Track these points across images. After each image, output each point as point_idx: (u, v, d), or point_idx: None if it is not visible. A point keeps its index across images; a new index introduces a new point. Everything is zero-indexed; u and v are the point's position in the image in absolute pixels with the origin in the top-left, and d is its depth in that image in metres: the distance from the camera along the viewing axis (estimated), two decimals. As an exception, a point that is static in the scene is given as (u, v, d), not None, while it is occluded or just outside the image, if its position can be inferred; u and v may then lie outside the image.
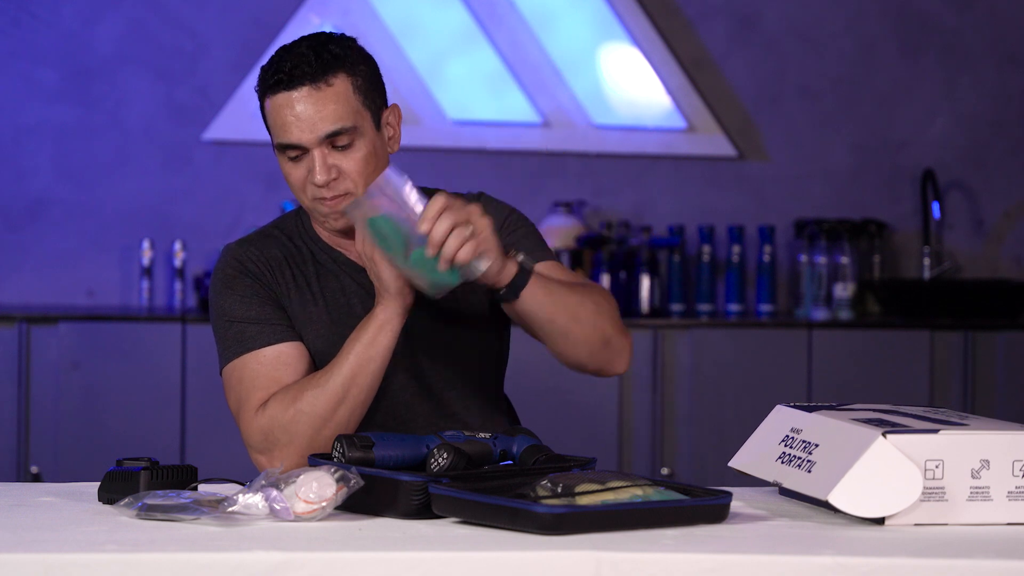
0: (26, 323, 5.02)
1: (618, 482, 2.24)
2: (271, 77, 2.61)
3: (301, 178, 2.63)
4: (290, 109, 2.60)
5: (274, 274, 2.70)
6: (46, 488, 2.47)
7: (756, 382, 5.22)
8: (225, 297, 2.67)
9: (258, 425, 2.58)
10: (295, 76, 2.59)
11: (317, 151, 2.60)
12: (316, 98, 2.59)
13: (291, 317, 2.67)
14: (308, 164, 2.61)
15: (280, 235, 2.75)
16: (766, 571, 2.03)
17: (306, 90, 2.59)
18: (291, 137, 2.60)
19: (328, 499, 2.21)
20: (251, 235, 2.77)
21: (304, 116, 2.59)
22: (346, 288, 2.71)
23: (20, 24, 5.47)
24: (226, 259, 2.71)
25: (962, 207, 5.82)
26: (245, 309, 2.66)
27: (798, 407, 2.49)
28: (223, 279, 2.69)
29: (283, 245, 2.73)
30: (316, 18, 5.52)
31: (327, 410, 2.53)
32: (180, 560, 2.02)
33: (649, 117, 5.72)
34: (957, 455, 2.26)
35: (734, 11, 5.75)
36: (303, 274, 2.71)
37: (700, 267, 5.63)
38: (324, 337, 2.66)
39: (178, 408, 5.04)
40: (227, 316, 2.66)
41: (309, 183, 2.62)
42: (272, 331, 2.64)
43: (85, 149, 5.50)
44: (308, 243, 2.74)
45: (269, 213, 5.51)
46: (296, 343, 2.65)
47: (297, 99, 2.59)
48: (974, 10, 5.81)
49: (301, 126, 2.59)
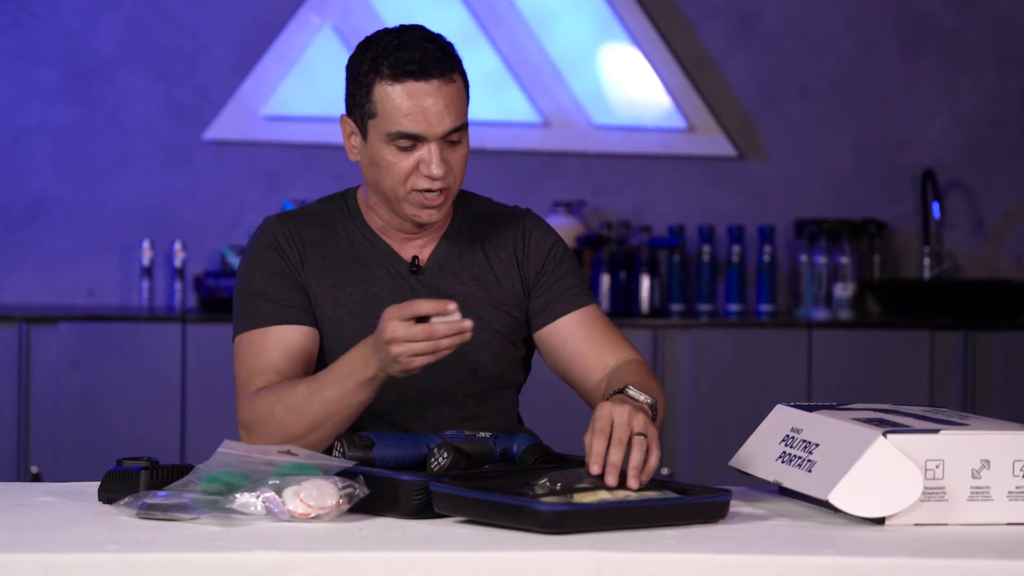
0: (26, 323, 5.02)
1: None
2: (399, 65, 2.58)
3: (407, 169, 2.61)
4: (419, 100, 2.58)
5: (305, 254, 2.70)
6: (46, 488, 2.47)
7: (756, 382, 5.22)
8: (251, 267, 2.69)
9: (246, 411, 2.59)
10: (426, 67, 2.58)
11: (436, 144, 2.59)
12: (445, 92, 2.59)
13: (314, 299, 2.67)
14: (419, 156, 2.60)
15: (324, 215, 2.75)
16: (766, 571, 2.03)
17: (436, 83, 2.59)
18: (416, 128, 2.59)
19: (326, 508, 2.21)
20: (295, 210, 2.77)
21: (433, 109, 2.58)
22: (377, 277, 2.70)
23: (20, 24, 5.47)
24: (264, 230, 2.72)
25: (962, 207, 5.82)
26: (264, 284, 2.66)
27: (798, 407, 2.49)
28: (255, 249, 2.70)
29: (324, 226, 2.73)
30: (316, 18, 5.52)
31: (301, 431, 2.52)
32: (180, 560, 2.02)
33: (649, 117, 5.72)
34: (957, 455, 2.26)
35: (734, 11, 5.75)
36: (336, 257, 2.71)
37: (700, 267, 5.63)
38: (345, 323, 2.66)
39: (178, 408, 5.04)
40: (247, 286, 2.67)
41: (416, 174, 2.61)
42: (282, 312, 2.64)
43: (85, 149, 5.50)
44: (350, 226, 2.74)
45: (269, 213, 5.49)
46: (302, 328, 2.65)
47: (428, 91, 2.58)
48: (974, 10, 5.81)
49: (429, 119, 2.58)
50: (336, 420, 2.49)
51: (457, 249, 2.74)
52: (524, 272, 2.76)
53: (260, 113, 5.52)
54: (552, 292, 2.74)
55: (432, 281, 2.71)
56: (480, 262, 2.74)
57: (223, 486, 2.23)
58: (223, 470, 2.25)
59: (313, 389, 2.51)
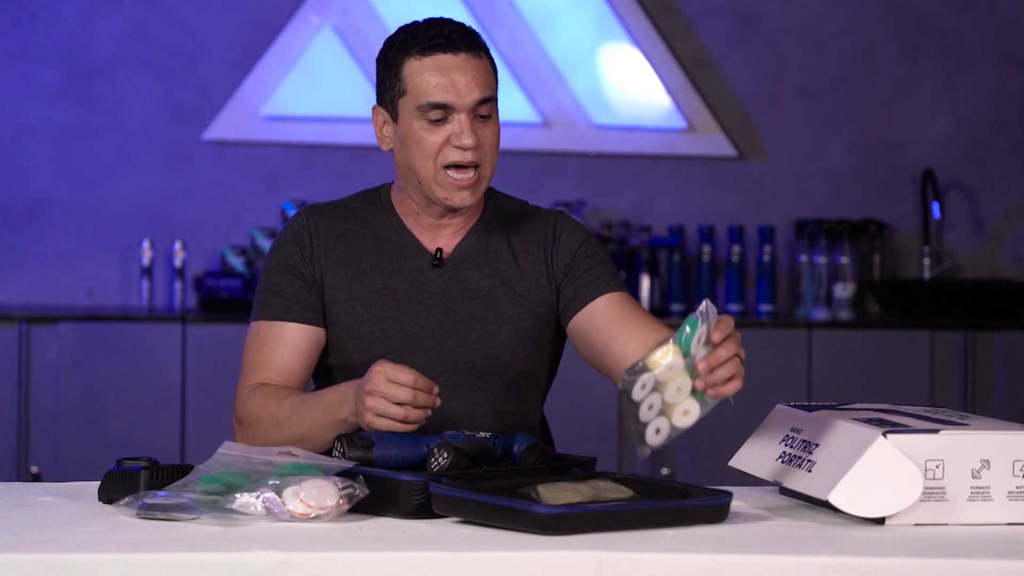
0: (26, 323, 5.02)
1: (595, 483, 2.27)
2: (426, 38, 2.64)
3: (438, 143, 2.64)
4: (448, 71, 2.63)
5: (326, 245, 2.72)
6: (46, 488, 2.47)
7: (756, 382, 5.18)
8: (273, 258, 2.74)
9: (240, 406, 2.65)
10: (454, 42, 2.64)
11: (466, 115, 2.63)
12: (474, 64, 2.64)
13: (329, 290, 2.70)
14: (450, 130, 2.63)
15: (355, 207, 2.77)
16: (766, 571, 2.03)
17: (464, 56, 2.64)
18: (446, 97, 2.63)
19: (326, 508, 2.21)
20: (327, 203, 2.79)
21: (462, 80, 2.63)
22: (396, 269, 2.71)
23: (20, 24, 5.47)
24: (291, 222, 2.76)
25: (962, 207, 5.82)
26: (279, 278, 2.71)
27: (798, 407, 2.49)
28: (280, 240, 2.75)
29: (352, 218, 2.75)
30: (316, 18, 5.52)
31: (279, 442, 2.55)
32: (180, 560, 2.02)
33: (649, 117, 5.72)
34: (957, 455, 2.26)
35: (734, 11, 5.75)
36: (359, 249, 2.72)
37: (700, 267, 5.63)
38: (358, 314, 2.68)
39: (178, 408, 5.04)
40: (267, 276, 2.73)
41: (447, 147, 2.63)
42: (292, 309, 2.69)
43: (85, 149, 5.50)
44: (380, 218, 2.75)
45: (269, 213, 5.51)
46: (307, 327, 2.68)
47: (456, 63, 2.64)
48: (974, 10, 5.81)
49: (459, 88, 2.63)
50: (311, 442, 2.53)
51: (483, 242, 2.74)
52: (553, 266, 2.74)
53: (260, 113, 5.52)
54: (582, 280, 2.73)
55: (454, 273, 2.71)
56: (506, 257, 2.73)
57: (223, 486, 2.23)
58: (223, 470, 2.25)
59: (296, 408, 2.57)
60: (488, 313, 2.70)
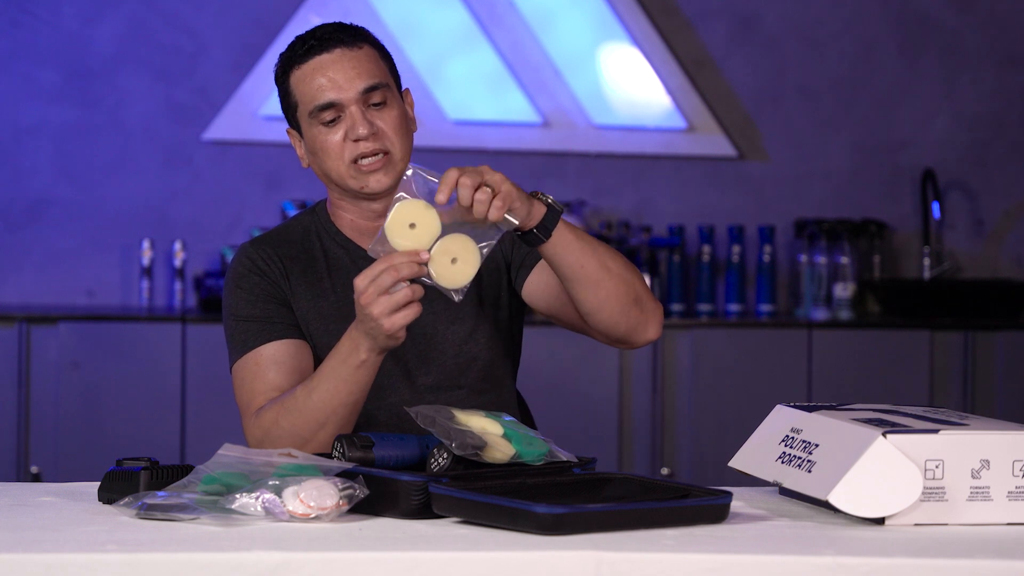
0: (26, 323, 5.02)
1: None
2: (301, 47, 2.68)
3: (338, 142, 2.66)
4: (325, 71, 2.67)
5: (284, 270, 2.72)
6: (46, 488, 2.47)
7: (756, 382, 5.22)
8: (234, 295, 2.72)
9: (253, 432, 2.62)
10: (326, 41, 2.68)
11: (355, 107, 2.65)
12: (350, 57, 2.68)
13: (300, 313, 2.70)
14: (345, 126, 2.66)
15: (296, 230, 2.78)
16: (766, 571, 2.03)
17: (339, 52, 2.68)
18: (329, 96, 2.65)
19: (325, 508, 2.21)
20: (266, 234, 2.80)
21: (340, 75, 2.66)
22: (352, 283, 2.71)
23: (20, 24, 5.47)
24: (239, 258, 2.75)
25: (962, 207, 5.82)
26: (250, 307, 2.69)
27: (798, 407, 2.49)
28: (234, 277, 2.73)
29: (297, 241, 2.76)
30: (316, 18, 5.52)
31: (308, 432, 2.55)
32: (180, 560, 2.02)
33: (649, 117, 5.72)
34: (957, 455, 2.26)
35: (734, 11, 5.75)
36: (314, 270, 2.73)
37: (700, 267, 5.63)
38: (332, 332, 2.67)
39: (178, 408, 5.04)
40: (234, 314, 2.71)
41: (348, 143, 2.66)
42: (271, 329, 2.68)
43: (85, 149, 5.50)
44: (322, 237, 2.76)
45: (269, 213, 5.51)
46: (293, 341, 2.68)
47: (331, 60, 2.67)
48: (974, 10, 5.81)
49: (339, 84, 2.66)
50: (340, 413, 2.52)
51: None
52: (504, 249, 2.77)
53: (260, 113, 5.52)
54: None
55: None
56: None
57: (223, 487, 2.23)
58: (223, 471, 2.25)
59: (311, 388, 2.54)
60: (450, 310, 2.71)
